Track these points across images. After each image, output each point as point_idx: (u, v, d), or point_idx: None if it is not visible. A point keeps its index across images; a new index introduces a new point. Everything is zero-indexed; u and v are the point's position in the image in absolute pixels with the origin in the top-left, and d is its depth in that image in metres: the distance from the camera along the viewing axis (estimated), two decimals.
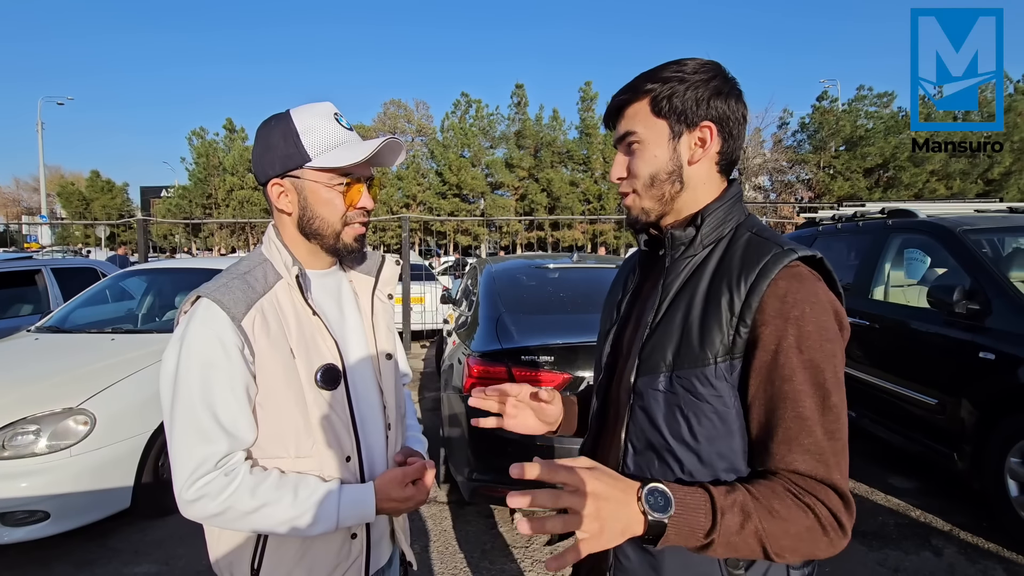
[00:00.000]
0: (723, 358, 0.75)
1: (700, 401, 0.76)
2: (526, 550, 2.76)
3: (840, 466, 0.72)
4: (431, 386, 5.79)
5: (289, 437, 0.93)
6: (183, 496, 0.87)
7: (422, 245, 32.88)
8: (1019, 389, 2.68)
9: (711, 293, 0.78)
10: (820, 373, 0.72)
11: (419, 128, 36.41)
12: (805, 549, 0.70)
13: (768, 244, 0.78)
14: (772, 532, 0.67)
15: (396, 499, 0.97)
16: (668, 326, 0.80)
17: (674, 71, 0.83)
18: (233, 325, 0.88)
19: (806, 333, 0.72)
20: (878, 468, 3.65)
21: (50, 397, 2.73)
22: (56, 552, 2.73)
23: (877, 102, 25.99)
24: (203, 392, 0.86)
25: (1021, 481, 2.68)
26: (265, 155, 0.96)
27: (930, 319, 3.27)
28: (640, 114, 0.84)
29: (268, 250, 1.00)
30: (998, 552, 2.68)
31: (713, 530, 0.65)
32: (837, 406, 0.72)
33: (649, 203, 0.86)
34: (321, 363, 0.95)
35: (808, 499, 0.70)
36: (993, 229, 3.51)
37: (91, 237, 32.68)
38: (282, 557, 0.95)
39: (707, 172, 0.85)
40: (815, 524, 0.69)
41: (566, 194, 29.23)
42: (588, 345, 2.69)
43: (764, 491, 0.70)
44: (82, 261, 6.86)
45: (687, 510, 0.65)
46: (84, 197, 35.96)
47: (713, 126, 0.82)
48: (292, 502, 0.89)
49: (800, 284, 0.74)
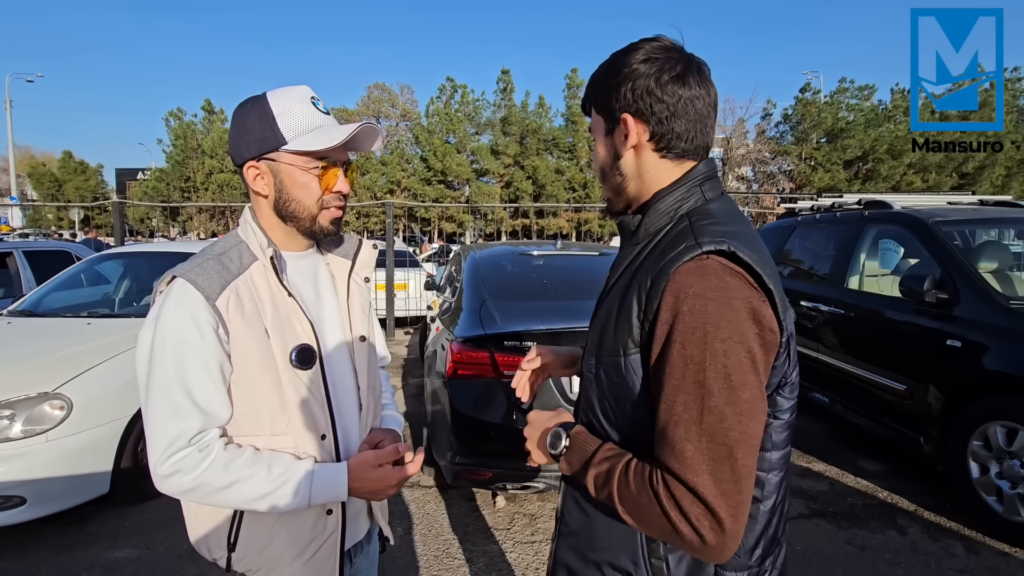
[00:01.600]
0: (633, 350, 0.76)
1: (616, 388, 0.80)
2: (508, 532, 2.81)
3: (711, 471, 0.66)
4: (415, 372, 5.80)
5: (264, 415, 0.95)
6: (157, 471, 0.89)
7: (406, 231, 32.65)
8: (983, 375, 2.79)
9: (630, 285, 0.79)
10: (701, 371, 0.67)
11: (404, 113, 35.91)
12: (657, 533, 0.72)
13: (685, 235, 0.75)
14: (624, 501, 0.73)
15: (370, 479, 0.99)
16: (601, 315, 0.86)
17: (600, 70, 0.86)
18: (207, 305, 0.89)
19: (691, 328, 0.68)
20: (848, 451, 3.77)
21: (24, 382, 2.68)
22: (34, 537, 2.70)
23: (858, 95, 26.35)
24: (177, 370, 0.88)
25: (982, 463, 2.80)
26: (241, 138, 0.96)
27: (901, 308, 3.37)
28: (592, 112, 0.89)
29: (244, 232, 1.01)
30: (959, 531, 2.81)
31: (583, 475, 0.80)
32: (719, 408, 0.67)
33: (608, 194, 0.91)
34: (296, 343, 0.97)
35: (660, 489, 0.68)
36: (964, 221, 3.61)
37: (64, 220, 31.80)
38: (257, 532, 0.97)
39: (647, 160, 0.83)
40: (660, 514, 0.68)
41: (551, 182, 29.20)
42: (571, 331, 2.72)
43: (637, 468, 0.73)
44: (55, 244, 6.69)
45: (570, 453, 0.83)
46: (56, 178, 34.87)
47: (629, 116, 0.81)
48: (265, 478, 0.91)
49: (699, 278, 0.70)
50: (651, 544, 0.80)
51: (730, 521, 0.66)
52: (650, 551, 0.80)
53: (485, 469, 2.68)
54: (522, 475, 2.65)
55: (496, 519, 2.94)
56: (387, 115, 35.63)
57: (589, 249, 4.18)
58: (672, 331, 0.70)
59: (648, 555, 0.80)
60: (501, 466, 2.67)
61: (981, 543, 2.69)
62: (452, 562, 2.56)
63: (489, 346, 2.70)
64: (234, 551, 0.97)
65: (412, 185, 30.91)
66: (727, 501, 0.66)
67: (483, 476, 2.70)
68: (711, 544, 0.66)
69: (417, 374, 5.63)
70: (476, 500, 3.14)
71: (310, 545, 1.00)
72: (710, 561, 0.75)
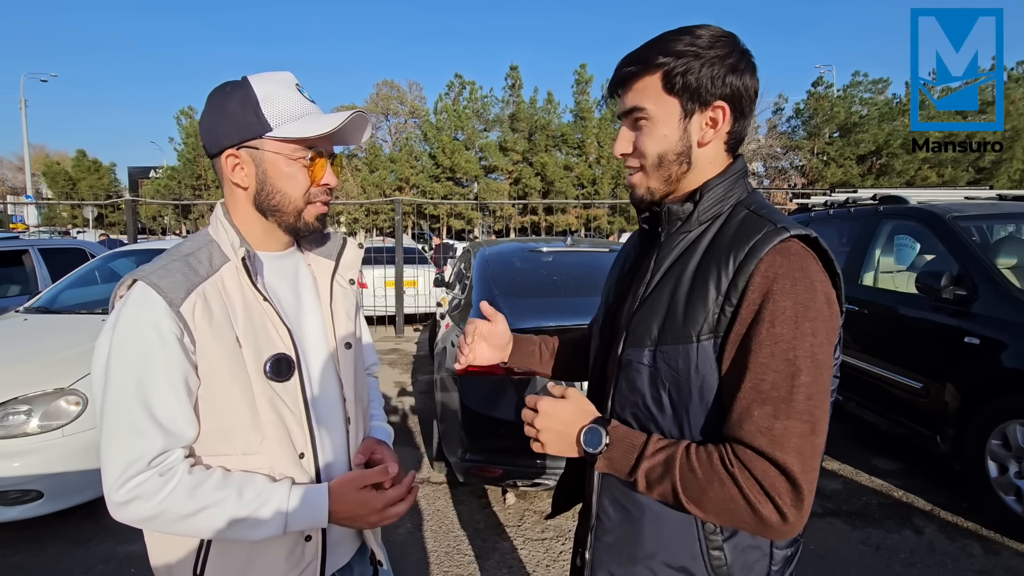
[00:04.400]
0: (707, 336, 0.74)
1: (680, 377, 0.77)
2: (518, 528, 2.81)
3: (797, 447, 0.67)
4: (424, 369, 5.82)
5: (235, 433, 0.85)
6: (113, 497, 0.79)
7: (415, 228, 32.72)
8: (1002, 373, 2.74)
9: (700, 271, 0.77)
10: (791, 350, 0.69)
11: (412, 110, 35.95)
12: (729, 518, 0.70)
13: (762, 222, 0.76)
14: (688, 489, 0.71)
15: (353, 503, 0.89)
16: (656, 301, 0.81)
17: (688, 44, 0.78)
18: (170, 311, 0.80)
19: (781, 308, 0.69)
20: (863, 450, 3.73)
21: (41, 377, 2.72)
22: (50, 531, 2.74)
23: (872, 88, 25.95)
24: (137, 384, 0.79)
25: (1001, 463, 2.75)
26: (219, 123, 0.87)
27: (918, 304, 3.31)
28: (650, 89, 0.80)
29: (215, 230, 0.92)
30: (976, 531, 2.76)
31: (632, 472, 0.76)
32: (807, 385, 0.68)
33: (656, 183, 0.85)
34: (271, 352, 0.87)
35: (736, 470, 0.68)
36: (982, 216, 3.55)
37: (78, 218, 32.22)
38: (227, 562, 0.88)
39: (715, 152, 0.83)
40: (738, 495, 0.68)
41: (560, 178, 29.09)
42: (582, 327, 2.70)
43: (700, 453, 0.72)
44: (70, 242, 6.77)
45: (614, 450, 0.77)
46: (70, 177, 35.29)
47: (726, 106, 0.79)
48: (235, 504, 0.82)
49: (785, 259, 0.72)
50: (709, 536, 0.78)
51: (809, 497, 0.68)
52: (708, 543, 0.78)
53: (495, 466, 2.68)
54: (532, 472, 2.65)
55: (507, 516, 2.94)
56: (396, 112, 35.71)
57: (599, 246, 4.16)
58: (761, 310, 0.71)
59: (707, 547, 0.78)
60: (511, 463, 2.66)
61: (999, 543, 2.65)
62: (463, 559, 2.56)
63: None
64: None
65: (421, 182, 30.94)
66: (807, 477, 0.67)
67: (493, 473, 2.70)
68: (791, 521, 0.67)
69: (427, 371, 5.64)
70: (487, 497, 3.14)
71: (288, 574, 0.91)
72: (780, 539, 0.72)
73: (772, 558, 0.80)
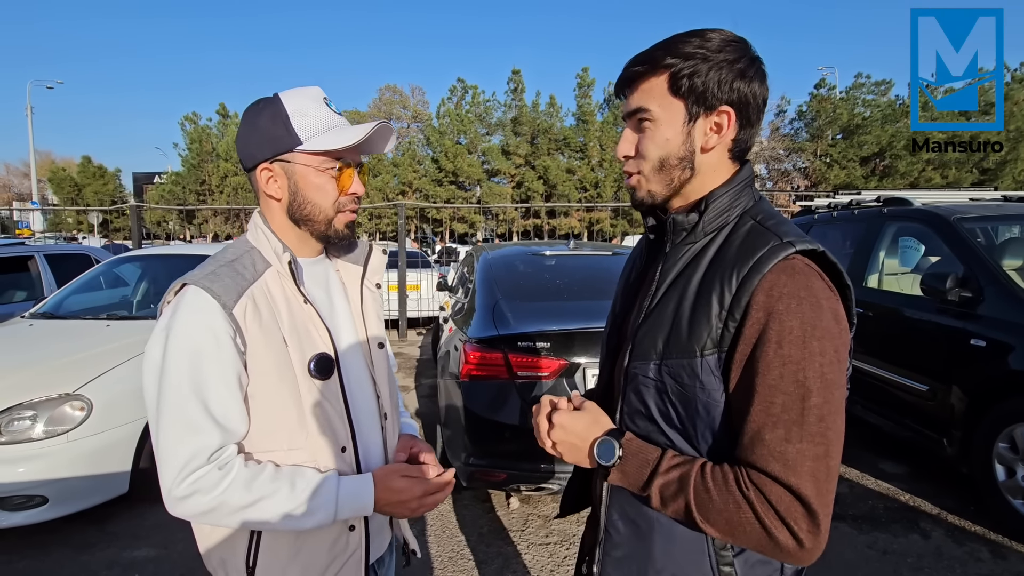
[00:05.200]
0: (710, 351, 0.73)
1: (686, 391, 0.76)
2: (522, 533, 2.80)
3: (811, 471, 0.66)
4: (427, 373, 5.81)
5: (282, 429, 0.90)
6: (174, 492, 0.83)
7: (418, 232, 32.77)
8: (1009, 375, 2.72)
9: (704, 284, 0.76)
10: (800, 371, 0.67)
11: (415, 114, 36.08)
12: (744, 540, 0.70)
13: (767, 235, 0.75)
14: (703, 510, 0.70)
15: (396, 491, 0.94)
16: (661, 314, 0.80)
17: (697, 46, 0.76)
18: (224, 313, 0.85)
19: (788, 328, 0.68)
20: (869, 453, 3.70)
21: (46, 383, 2.73)
22: (55, 536, 2.75)
23: (875, 90, 25.94)
24: (193, 383, 0.83)
25: (1008, 466, 2.73)
26: (252, 139, 0.92)
27: (923, 307, 3.29)
28: (656, 90, 0.79)
29: (255, 237, 0.97)
30: (984, 535, 2.74)
31: (646, 487, 0.75)
32: (819, 407, 0.67)
33: (656, 187, 0.83)
34: (314, 352, 0.92)
35: (752, 494, 0.67)
36: (987, 218, 3.52)
37: (84, 224, 32.39)
38: (278, 553, 0.92)
39: (719, 159, 0.81)
40: (753, 519, 0.67)
41: (563, 181, 29.12)
42: (585, 331, 2.70)
43: (716, 473, 0.71)
44: (75, 247, 6.80)
45: (628, 464, 0.77)
46: (76, 183, 35.55)
47: (732, 111, 0.77)
48: (289, 495, 0.86)
49: (790, 278, 0.70)
50: (720, 552, 0.77)
51: (825, 521, 0.66)
52: (719, 559, 0.77)
53: (499, 470, 2.67)
54: (536, 476, 2.64)
55: (510, 520, 2.93)
56: (398, 116, 35.82)
57: (602, 249, 4.16)
58: (766, 330, 0.69)
59: (718, 563, 0.77)
60: (515, 467, 2.66)
61: (1008, 547, 2.62)
62: (466, 563, 2.55)
63: (503, 347, 2.69)
64: (254, 573, 0.92)
65: (424, 186, 31.03)
66: (823, 500, 0.66)
67: (497, 477, 2.69)
68: (807, 547, 0.66)
69: (430, 375, 5.63)
70: (490, 501, 3.13)
71: (333, 563, 0.96)
72: (799, 564, 0.71)
73: (783, 572, 0.79)
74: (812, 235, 5.06)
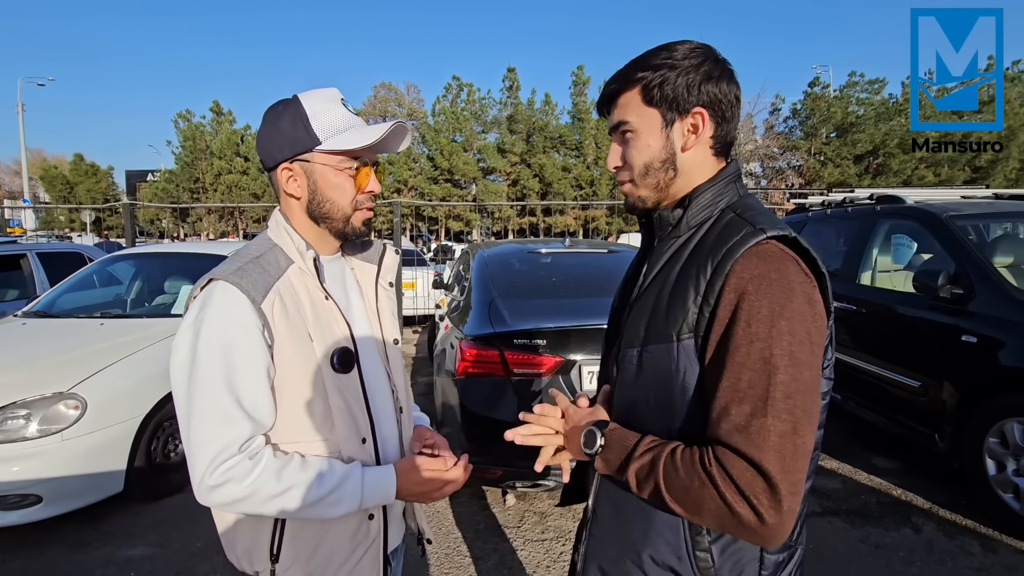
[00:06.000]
0: (687, 335, 0.76)
1: (663, 375, 0.79)
2: (518, 530, 2.81)
3: (776, 446, 0.66)
4: (424, 371, 5.82)
5: (306, 420, 0.93)
6: (207, 481, 0.85)
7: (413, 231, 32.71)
8: (999, 371, 2.75)
9: (682, 273, 0.80)
10: (767, 348, 0.69)
11: (410, 112, 35.94)
12: (710, 519, 0.70)
13: (742, 224, 0.78)
14: (671, 488, 0.72)
15: (417, 481, 0.99)
16: (644, 304, 0.85)
17: (664, 58, 0.82)
18: (254, 308, 0.88)
19: (756, 308, 0.70)
20: (861, 449, 3.74)
21: (40, 382, 2.72)
22: (50, 535, 2.74)
23: (868, 88, 26.02)
24: (225, 375, 0.85)
25: (999, 461, 2.76)
26: (273, 139, 0.96)
27: (915, 303, 3.32)
28: (632, 103, 0.85)
29: (277, 235, 0.99)
30: (975, 529, 2.77)
31: (622, 472, 0.79)
32: (786, 384, 0.68)
33: (645, 191, 0.88)
34: (336, 346, 0.96)
35: (715, 470, 0.68)
36: (979, 215, 3.56)
37: (76, 222, 32.18)
38: (302, 542, 0.95)
39: (701, 157, 0.85)
40: (715, 495, 0.68)
41: (558, 180, 29.11)
42: (581, 328, 2.71)
43: (685, 453, 0.73)
44: (68, 246, 6.76)
45: (607, 451, 0.81)
46: (68, 181, 35.24)
47: (705, 111, 0.82)
48: (317, 484, 0.89)
49: (761, 261, 0.73)
50: (695, 536, 0.79)
51: (789, 499, 0.66)
52: (694, 543, 0.79)
53: (495, 467, 2.68)
54: (532, 473, 2.64)
55: (506, 517, 2.94)
56: (394, 114, 35.70)
57: (598, 247, 4.17)
58: (737, 310, 0.72)
59: (692, 548, 0.79)
60: (511, 464, 2.66)
61: (998, 541, 2.65)
62: (462, 560, 2.56)
63: (499, 344, 2.70)
64: (278, 562, 0.94)
65: (419, 184, 30.94)
66: (788, 478, 0.66)
67: (493, 474, 2.70)
68: (769, 523, 0.66)
69: (426, 372, 5.64)
70: (486, 498, 3.14)
71: (355, 552, 0.99)
72: (764, 544, 0.72)
73: (762, 563, 0.80)
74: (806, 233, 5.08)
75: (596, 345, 2.70)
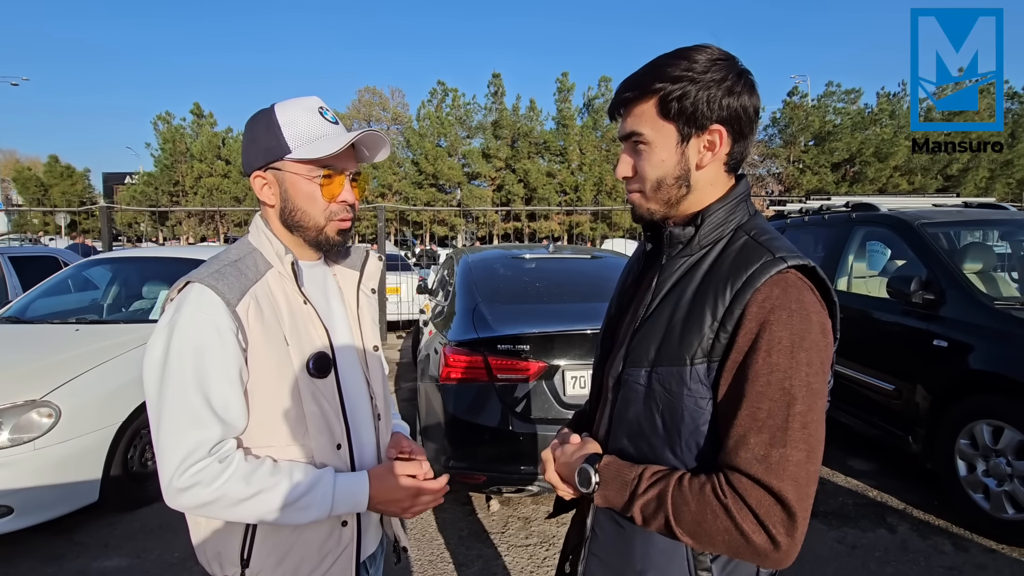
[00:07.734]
0: (700, 360, 0.76)
1: (673, 399, 0.78)
2: (502, 535, 2.81)
3: (793, 475, 0.68)
4: (407, 376, 5.79)
5: (280, 424, 0.93)
6: (175, 484, 0.84)
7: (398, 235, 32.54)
8: (969, 375, 2.83)
9: (698, 296, 0.78)
10: (787, 379, 0.70)
11: (395, 116, 35.88)
12: (724, 548, 0.72)
13: (760, 250, 0.77)
14: (683, 522, 0.72)
15: (390, 489, 0.97)
16: (655, 323, 0.82)
17: (684, 69, 0.78)
18: (228, 310, 0.87)
19: (777, 338, 0.71)
20: (838, 451, 3.81)
21: (11, 389, 2.64)
22: (22, 548, 2.66)
23: (845, 98, 26.69)
24: (196, 377, 0.85)
25: (969, 462, 2.84)
26: (250, 147, 0.97)
27: (889, 309, 3.41)
28: (647, 115, 0.81)
29: (257, 239, 1.00)
30: (947, 528, 2.84)
31: (627, 508, 0.78)
32: (803, 414, 0.69)
33: (655, 205, 0.86)
34: (313, 351, 0.95)
35: (730, 500, 0.69)
36: (949, 223, 3.67)
37: (51, 225, 31.38)
38: (272, 546, 0.94)
39: (714, 174, 0.83)
40: (731, 527, 0.69)
41: (543, 185, 29.22)
42: (565, 334, 2.73)
43: (693, 484, 0.73)
44: (42, 249, 6.59)
45: (605, 487, 0.80)
46: (42, 183, 34.39)
47: (723, 128, 0.79)
48: (287, 489, 0.88)
49: (782, 291, 0.73)
50: (698, 557, 0.79)
51: (802, 525, 0.68)
52: (697, 563, 0.79)
53: (479, 472, 2.68)
54: (516, 479, 2.65)
55: (490, 523, 2.94)
56: (378, 119, 35.59)
57: (582, 252, 4.20)
58: (757, 340, 0.72)
59: (695, 567, 0.79)
60: (495, 470, 2.67)
61: (969, 540, 2.73)
62: (446, 566, 2.55)
63: (482, 349, 2.71)
64: (248, 567, 0.94)
65: (403, 188, 30.80)
66: (803, 504, 0.68)
67: (477, 480, 2.70)
68: (783, 549, 0.68)
69: (410, 378, 5.61)
70: (471, 504, 3.14)
71: (326, 558, 0.98)
72: (774, 567, 0.72)
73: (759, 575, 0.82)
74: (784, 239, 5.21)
75: (580, 350, 2.72)
